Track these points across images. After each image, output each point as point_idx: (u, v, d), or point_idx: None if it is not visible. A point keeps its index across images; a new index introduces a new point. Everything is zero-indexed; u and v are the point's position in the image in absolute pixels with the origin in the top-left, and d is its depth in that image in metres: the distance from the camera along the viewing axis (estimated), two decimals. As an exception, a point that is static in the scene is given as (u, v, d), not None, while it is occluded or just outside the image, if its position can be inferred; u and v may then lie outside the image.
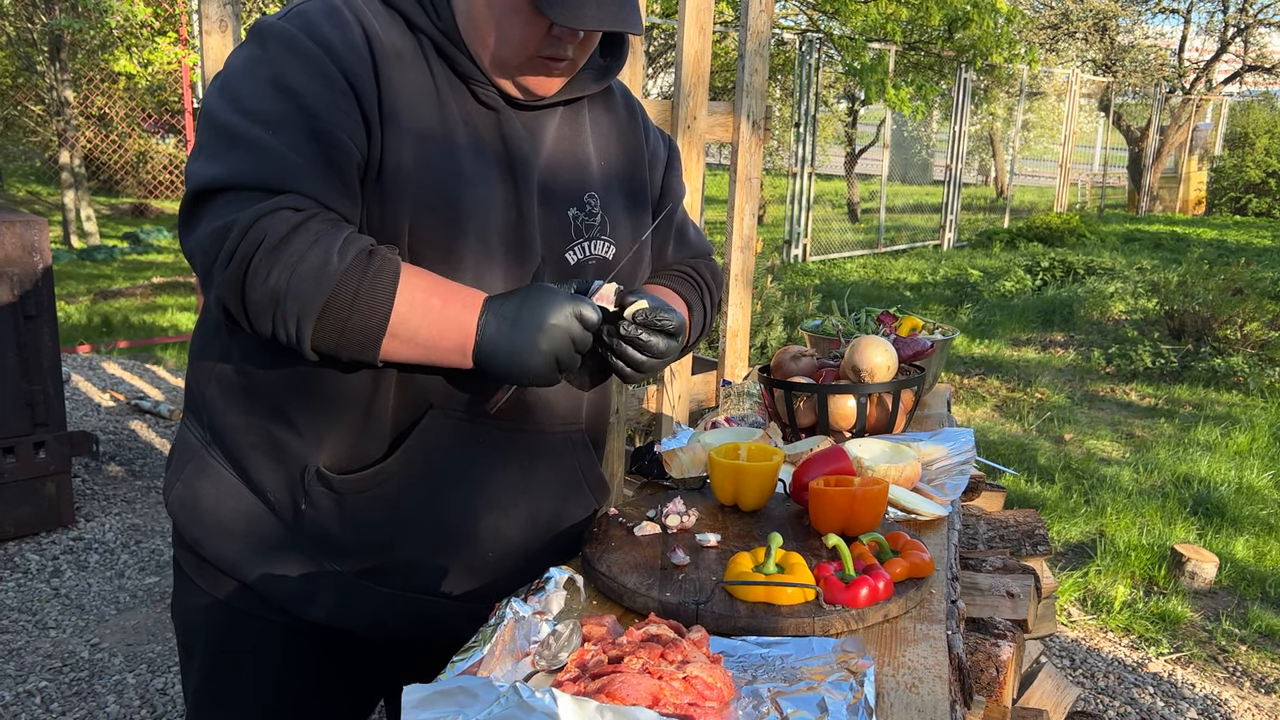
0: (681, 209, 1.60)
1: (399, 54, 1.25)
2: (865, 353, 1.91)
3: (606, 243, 1.41)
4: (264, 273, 1.12)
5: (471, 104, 1.29)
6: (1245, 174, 18.69)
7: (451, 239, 1.25)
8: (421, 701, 0.84)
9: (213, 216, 1.15)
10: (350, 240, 1.16)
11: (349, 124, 1.20)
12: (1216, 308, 7.46)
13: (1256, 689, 3.37)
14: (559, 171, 1.36)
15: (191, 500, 1.39)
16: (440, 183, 1.24)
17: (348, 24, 1.23)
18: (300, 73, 1.19)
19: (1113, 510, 4.68)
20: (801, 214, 12.35)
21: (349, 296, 1.14)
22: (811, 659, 1.08)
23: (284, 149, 1.16)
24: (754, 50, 3.02)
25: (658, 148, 1.55)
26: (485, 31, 1.25)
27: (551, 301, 1.21)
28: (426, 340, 1.20)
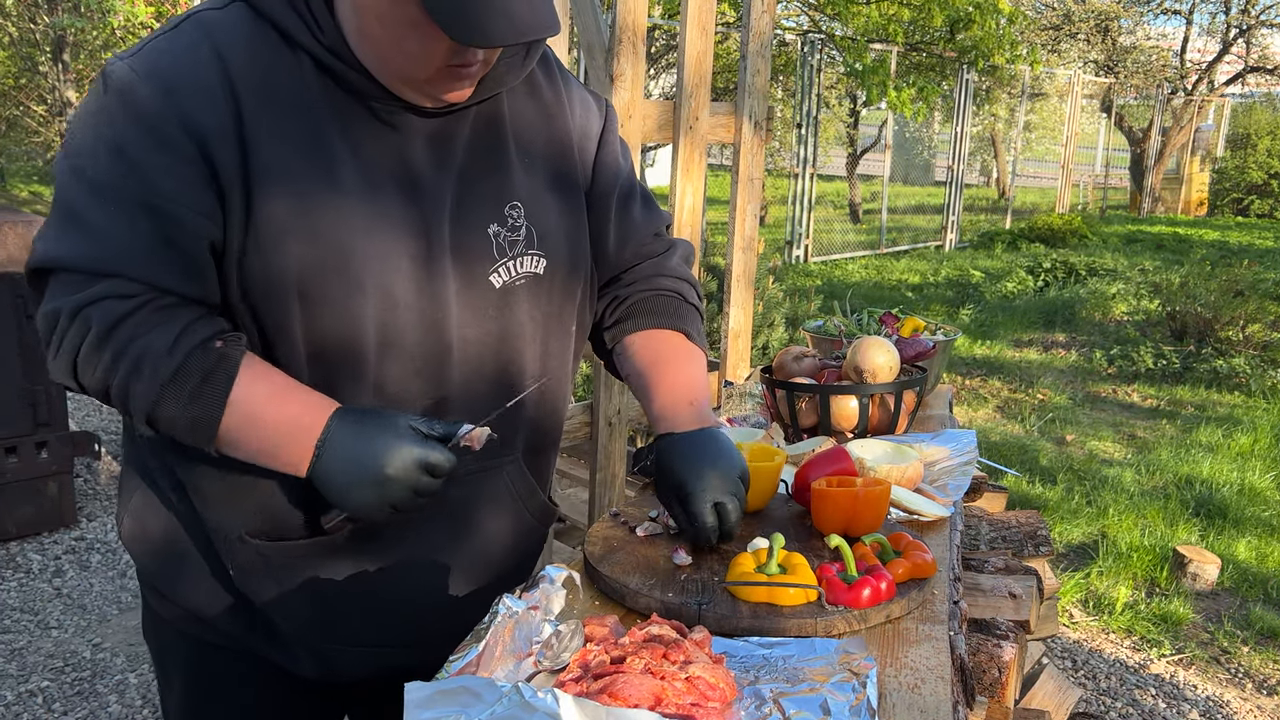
0: (626, 180, 1.43)
1: (271, 87, 1.12)
2: (867, 353, 1.91)
3: (536, 257, 1.27)
4: (91, 366, 1.08)
5: (368, 126, 1.16)
6: (1247, 175, 18.67)
7: (348, 295, 1.14)
8: (424, 701, 0.84)
9: (46, 298, 1.11)
10: (185, 333, 1.09)
11: (192, 194, 1.09)
12: (1218, 309, 7.46)
13: (1259, 690, 3.36)
14: (475, 186, 1.23)
15: (140, 534, 1.33)
16: (327, 235, 1.12)
17: (203, 63, 1.10)
18: (137, 134, 1.08)
19: (1115, 511, 4.68)
20: (803, 215, 12.34)
21: (175, 400, 1.09)
22: (814, 660, 1.08)
23: (115, 227, 1.07)
24: (756, 51, 3.02)
25: (588, 122, 1.37)
26: (383, 48, 1.11)
27: (395, 448, 1.11)
28: (259, 450, 1.13)
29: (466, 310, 1.23)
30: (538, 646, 1.07)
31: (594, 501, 2.98)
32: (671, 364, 1.41)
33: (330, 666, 1.32)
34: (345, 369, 1.18)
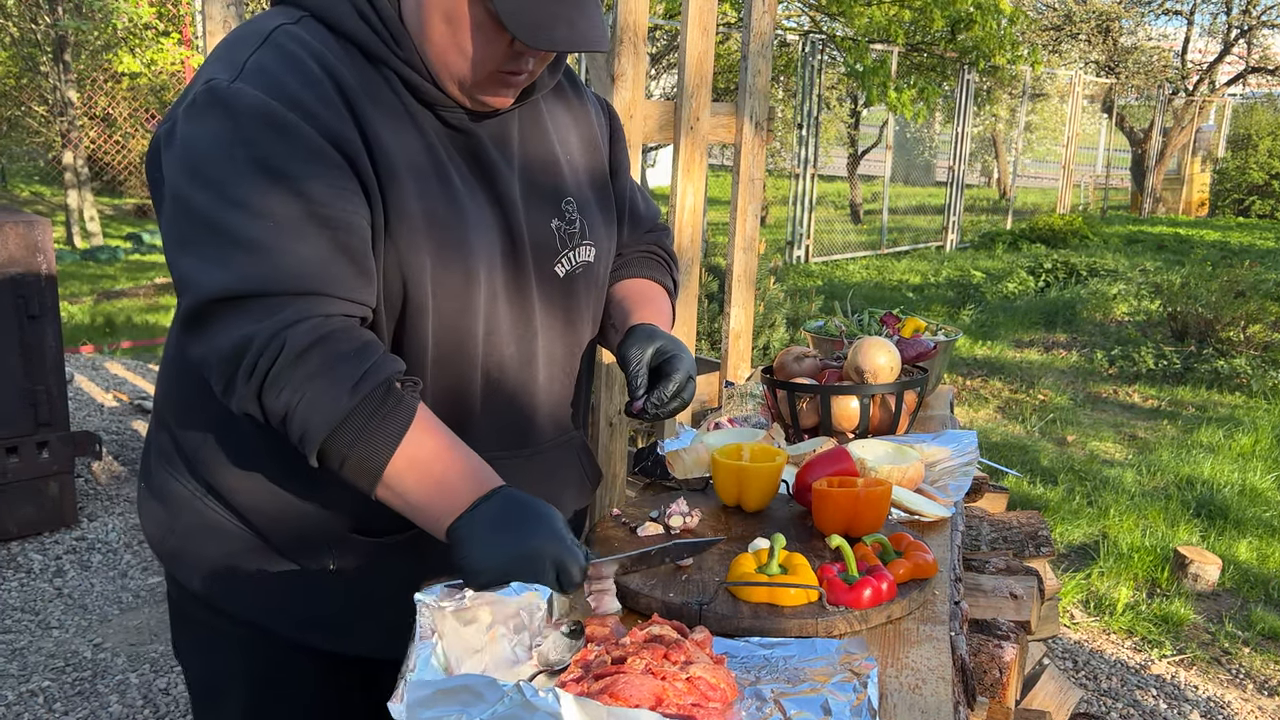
0: (630, 177, 1.56)
1: (375, 99, 1.18)
2: (868, 354, 1.91)
3: (589, 247, 1.39)
4: (280, 386, 1.08)
5: (445, 132, 1.24)
6: (1248, 176, 18.66)
7: (467, 285, 1.22)
8: (425, 700, 0.84)
9: (228, 328, 1.09)
10: (371, 372, 1.10)
11: (352, 200, 1.13)
12: (1219, 309, 7.45)
13: (1259, 691, 3.36)
14: (535, 184, 1.33)
15: (192, 551, 1.34)
16: (449, 229, 1.20)
17: (316, 78, 1.13)
18: (287, 152, 1.10)
19: (1115, 512, 4.68)
20: (804, 215, 12.34)
21: (351, 437, 1.09)
22: (815, 660, 1.08)
23: (293, 247, 1.09)
24: (757, 51, 3.02)
25: (601, 122, 1.49)
26: (443, 48, 1.17)
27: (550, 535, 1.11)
28: (415, 503, 1.14)
29: (543, 298, 1.33)
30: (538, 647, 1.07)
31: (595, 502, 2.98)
32: (654, 302, 1.51)
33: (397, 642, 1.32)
34: (461, 356, 1.26)
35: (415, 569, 1.29)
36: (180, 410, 1.34)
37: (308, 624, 1.34)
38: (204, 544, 1.33)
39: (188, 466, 1.34)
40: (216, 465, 1.30)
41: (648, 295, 1.50)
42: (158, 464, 1.38)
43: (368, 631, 1.34)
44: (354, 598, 1.32)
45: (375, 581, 1.31)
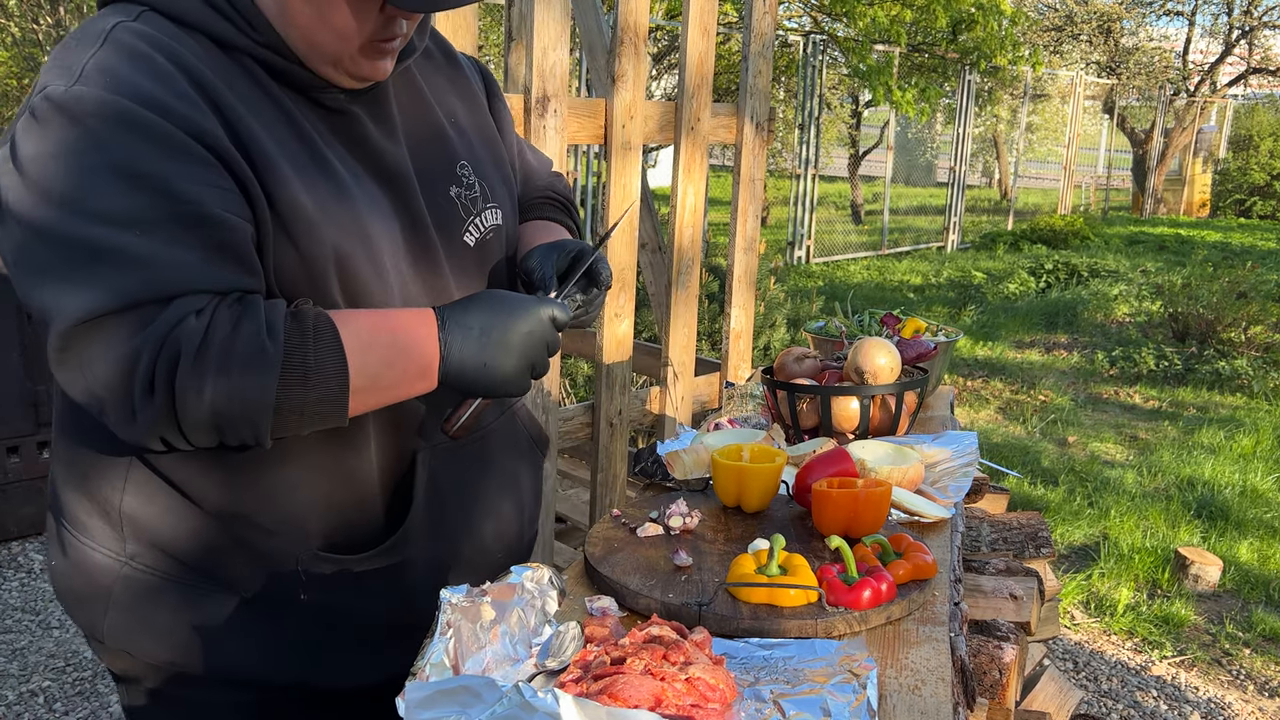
0: (514, 133, 1.50)
1: (232, 88, 1.08)
2: (868, 354, 1.91)
3: (494, 209, 1.32)
4: (194, 390, 0.98)
5: (320, 115, 1.16)
6: (1250, 176, 18.66)
7: (376, 274, 1.14)
8: (424, 700, 0.84)
9: (107, 348, 0.97)
10: (272, 313, 1.03)
11: (226, 197, 1.03)
12: (1221, 310, 7.45)
13: (1260, 692, 3.36)
14: (424, 154, 1.25)
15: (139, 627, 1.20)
16: (344, 219, 1.12)
17: (166, 72, 1.03)
18: (145, 151, 0.99)
19: (1116, 513, 4.68)
20: (805, 216, 12.34)
21: (299, 375, 1.02)
22: (814, 661, 1.08)
23: (167, 251, 0.98)
24: (758, 52, 3.02)
25: (476, 79, 1.42)
26: (309, 27, 1.09)
27: (522, 308, 1.14)
28: (391, 381, 1.09)
29: (457, 272, 1.27)
30: (537, 647, 1.07)
31: (595, 502, 2.98)
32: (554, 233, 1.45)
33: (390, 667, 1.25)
34: None
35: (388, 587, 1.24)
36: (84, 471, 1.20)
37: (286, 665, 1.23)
38: (150, 611, 1.19)
39: (105, 527, 1.19)
40: (138, 514, 1.17)
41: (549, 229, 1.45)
42: (68, 541, 1.23)
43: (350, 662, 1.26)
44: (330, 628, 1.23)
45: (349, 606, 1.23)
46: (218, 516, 1.16)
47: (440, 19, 2.20)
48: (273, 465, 1.15)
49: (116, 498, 1.17)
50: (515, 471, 1.43)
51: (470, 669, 1.01)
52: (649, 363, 3.41)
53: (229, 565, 1.18)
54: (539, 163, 1.57)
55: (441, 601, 1.01)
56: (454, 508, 1.30)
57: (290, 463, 1.16)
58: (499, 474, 1.38)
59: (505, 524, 1.40)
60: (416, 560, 1.26)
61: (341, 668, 1.25)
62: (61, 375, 1.01)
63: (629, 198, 2.74)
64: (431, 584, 1.25)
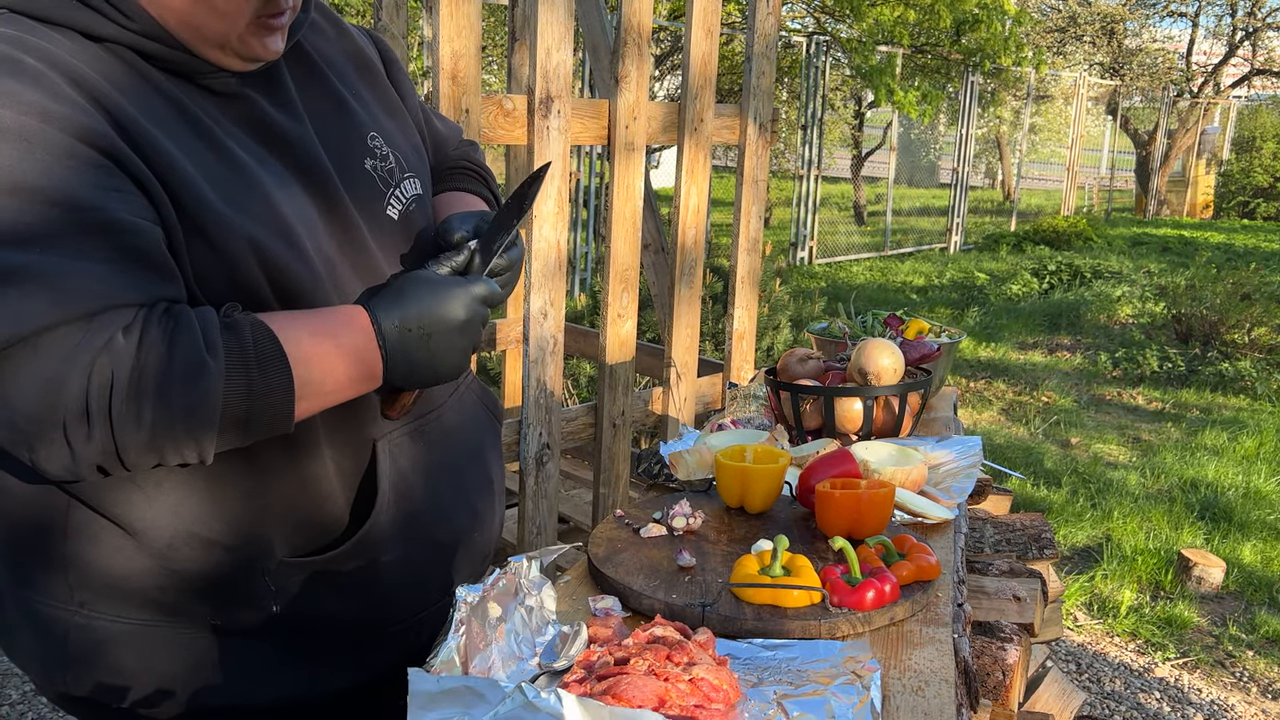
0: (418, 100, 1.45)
1: (113, 83, 1.00)
2: (872, 355, 1.91)
3: (411, 179, 1.28)
4: (133, 415, 0.92)
5: (212, 102, 1.09)
6: (1253, 178, 18.63)
7: (299, 262, 1.08)
8: (427, 701, 0.84)
9: (25, 379, 0.90)
10: (206, 325, 0.97)
11: (127, 199, 0.96)
12: (1224, 312, 7.44)
13: (1263, 694, 3.36)
14: (329, 129, 1.20)
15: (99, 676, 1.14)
16: (261, 214, 1.06)
17: (37, 73, 0.95)
18: (31, 162, 0.91)
19: (1119, 514, 4.67)
20: (807, 216, 12.33)
21: (244, 390, 0.97)
22: (818, 662, 1.08)
23: (72, 266, 0.91)
24: (761, 52, 3.02)
25: (369, 48, 1.36)
26: (189, 13, 1.03)
27: (454, 296, 1.11)
28: (334, 387, 1.06)
29: (384, 248, 1.22)
30: (541, 647, 1.07)
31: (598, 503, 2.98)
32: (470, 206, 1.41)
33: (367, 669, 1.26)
34: None
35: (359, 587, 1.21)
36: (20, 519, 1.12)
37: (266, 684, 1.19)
38: (113, 660, 1.13)
39: (53, 578, 1.12)
40: (92, 563, 1.10)
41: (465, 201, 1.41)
42: (15, 595, 1.15)
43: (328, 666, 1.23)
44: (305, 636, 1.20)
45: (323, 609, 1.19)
46: (170, 545, 1.09)
47: (445, 19, 2.20)
48: (221, 478, 1.09)
49: (59, 544, 1.10)
50: (478, 444, 1.40)
51: (477, 666, 1.01)
52: (652, 363, 3.41)
53: (189, 597, 1.12)
54: (448, 130, 1.51)
55: (457, 599, 1.02)
56: (423, 493, 1.26)
57: (240, 472, 1.10)
58: (462, 450, 1.35)
59: (477, 499, 1.36)
60: (389, 553, 1.22)
61: (323, 674, 1.22)
62: None
63: (632, 198, 2.74)
64: (407, 575, 1.25)
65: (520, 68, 3.65)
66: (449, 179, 1.45)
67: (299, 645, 1.20)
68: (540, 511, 2.72)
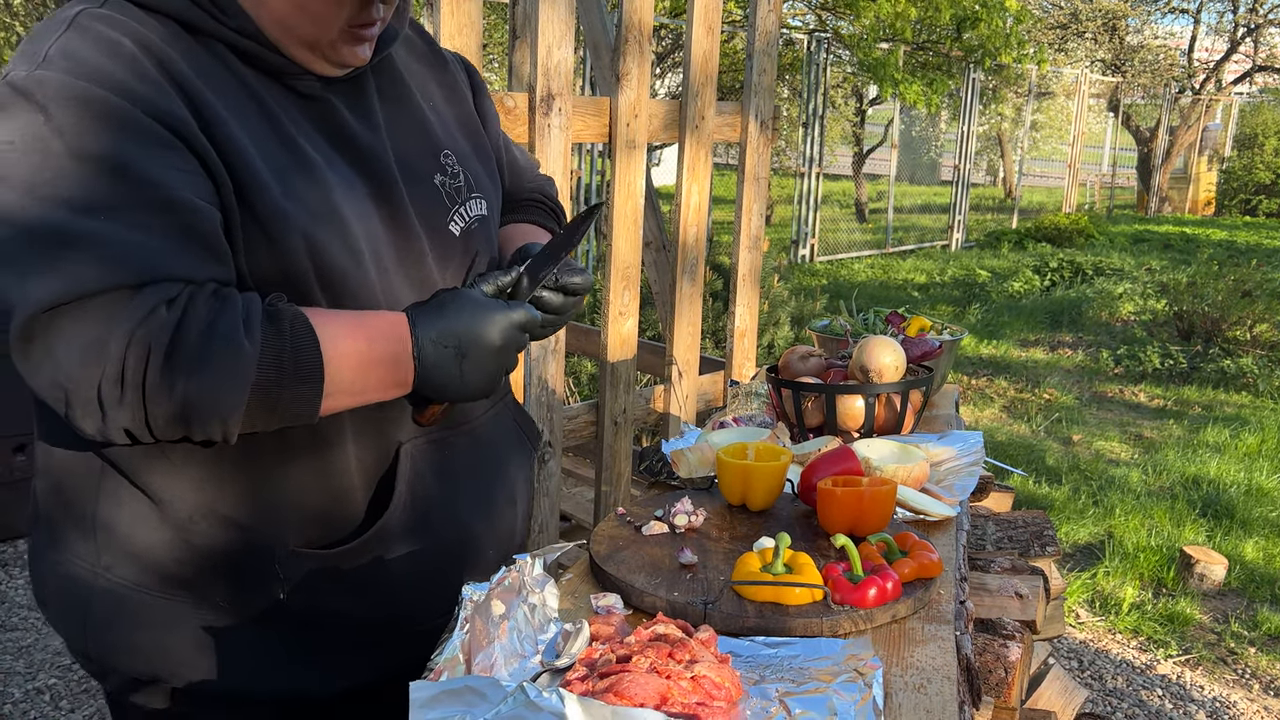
0: (499, 129, 1.48)
1: (200, 72, 1.05)
2: (873, 353, 1.91)
3: (478, 200, 1.30)
4: (166, 386, 0.95)
5: (295, 102, 1.14)
6: (1255, 175, 18.61)
7: (353, 263, 1.12)
8: (429, 701, 0.84)
9: (71, 338, 0.94)
10: (249, 310, 1.00)
11: (192, 181, 1.00)
12: (1226, 309, 7.44)
13: (1266, 691, 3.35)
14: (405, 142, 1.23)
15: (117, 645, 1.18)
16: (322, 213, 1.09)
17: (130, 55, 1.01)
18: (109, 135, 0.97)
19: (1121, 511, 4.67)
20: (809, 214, 12.33)
21: (274, 376, 1.00)
22: (820, 659, 1.08)
23: (131, 236, 0.96)
24: (762, 50, 3.02)
25: (460, 74, 1.40)
26: (286, 15, 1.08)
27: (491, 316, 1.12)
28: (364, 387, 1.08)
29: (440, 262, 1.24)
30: (543, 645, 1.07)
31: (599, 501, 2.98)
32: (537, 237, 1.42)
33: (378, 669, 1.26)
34: None
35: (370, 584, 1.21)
36: (59, 479, 1.17)
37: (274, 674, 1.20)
38: (128, 625, 1.16)
39: (81, 541, 1.16)
40: (111, 525, 1.14)
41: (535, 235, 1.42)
42: (49, 554, 1.20)
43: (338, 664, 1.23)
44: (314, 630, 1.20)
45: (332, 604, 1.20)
46: (190, 519, 1.12)
47: (446, 17, 2.20)
48: (246, 459, 1.12)
49: (90, 507, 1.14)
50: (505, 463, 1.40)
51: (480, 664, 1.01)
52: (653, 361, 3.41)
53: (204, 574, 1.14)
54: (525, 162, 1.55)
55: (463, 598, 1.02)
56: (439, 501, 1.27)
57: (264, 456, 1.13)
58: (487, 466, 1.36)
59: (496, 516, 1.37)
60: (400, 555, 1.23)
61: (331, 670, 1.23)
62: (24, 367, 0.97)
63: (633, 196, 2.74)
64: (418, 579, 1.25)
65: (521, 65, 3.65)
66: (522, 210, 1.49)
67: (307, 639, 1.21)
68: (542, 509, 2.72)
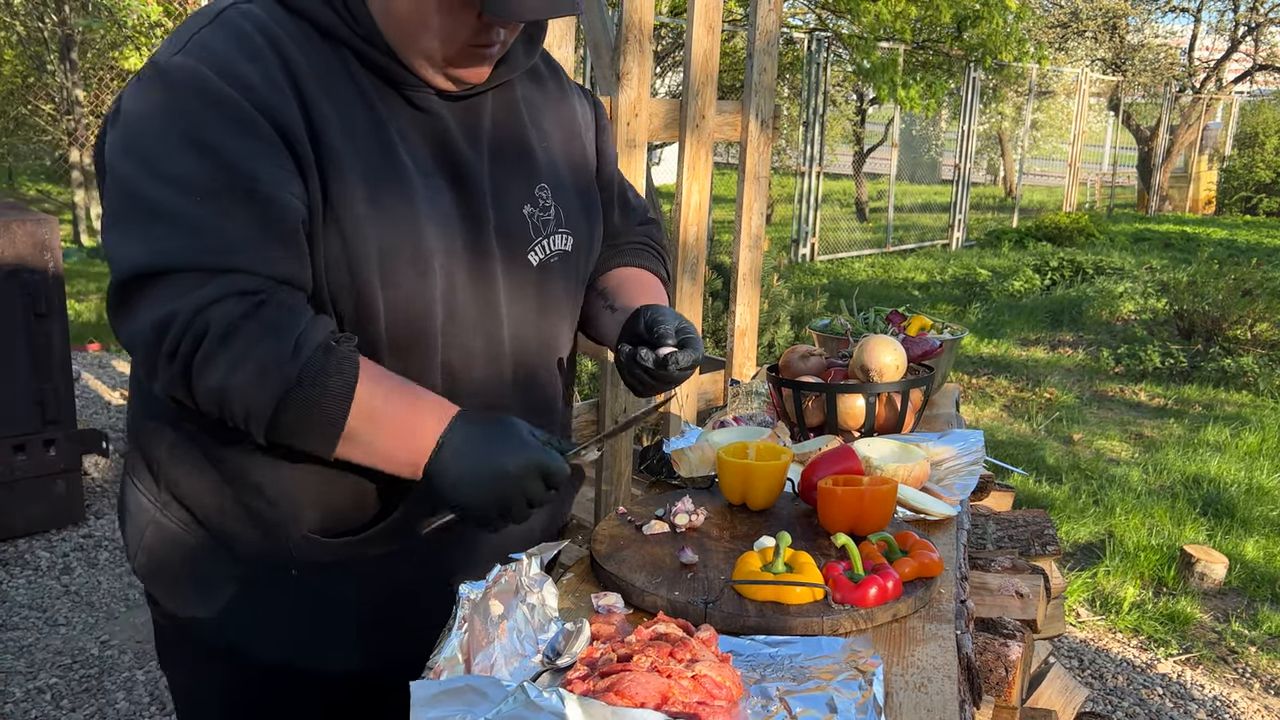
0: (616, 170, 1.53)
1: (324, 76, 1.14)
2: (874, 352, 1.91)
3: (565, 235, 1.34)
4: (209, 370, 1.04)
5: (406, 112, 1.20)
6: (1255, 174, 18.59)
7: (420, 273, 1.17)
8: (429, 700, 0.84)
9: (150, 306, 1.05)
10: (306, 334, 1.06)
11: (282, 177, 1.08)
12: (1226, 308, 7.43)
13: (1266, 690, 3.35)
14: (505, 168, 1.28)
15: (159, 569, 1.30)
16: (401, 221, 1.15)
17: (259, 53, 1.10)
18: (219, 125, 1.06)
19: (1122, 510, 4.67)
20: (809, 213, 12.32)
21: (299, 404, 1.06)
22: (820, 658, 1.08)
23: (217, 221, 1.04)
24: (763, 49, 3.02)
25: (585, 113, 1.46)
26: (410, 28, 1.14)
27: (518, 449, 1.13)
28: (378, 452, 1.12)
29: (512, 287, 1.28)
30: (544, 644, 1.07)
31: (600, 500, 2.98)
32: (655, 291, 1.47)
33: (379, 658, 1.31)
34: (419, 349, 1.21)
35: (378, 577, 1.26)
36: (140, 416, 1.29)
37: (276, 641, 1.28)
38: (170, 561, 1.28)
39: (150, 476, 1.29)
40: (172, 468, 1.25)
41: (648, 284, 1.46)
42: (128, 479, 1.34)
43: (339, 646, 1.29)
44: (320, 610, 1.27)
45: (340, 591, 1.26)
46: (229, 479, 1.22)
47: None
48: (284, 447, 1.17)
49: (159, 449, 1.26)
50: None
51: (480, 664, 1.01)
52: (654, 360, 3.40)
53: (234, 528, 1.23)
54: (638, 204, 1.57)
55: (460, 596, 1.02)
56: None
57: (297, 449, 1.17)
58: None
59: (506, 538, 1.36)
60: (404, 554, 1.27)
61: (327, 650, 1.29)
62: (112, 320, 1.09)
63: (634, 195, 2.74)
64: (419, 582, 1.29)
65: (521, 65, 3.64)
66: (630, 253, 1.52)
67: (308, 613, 1.27)
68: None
